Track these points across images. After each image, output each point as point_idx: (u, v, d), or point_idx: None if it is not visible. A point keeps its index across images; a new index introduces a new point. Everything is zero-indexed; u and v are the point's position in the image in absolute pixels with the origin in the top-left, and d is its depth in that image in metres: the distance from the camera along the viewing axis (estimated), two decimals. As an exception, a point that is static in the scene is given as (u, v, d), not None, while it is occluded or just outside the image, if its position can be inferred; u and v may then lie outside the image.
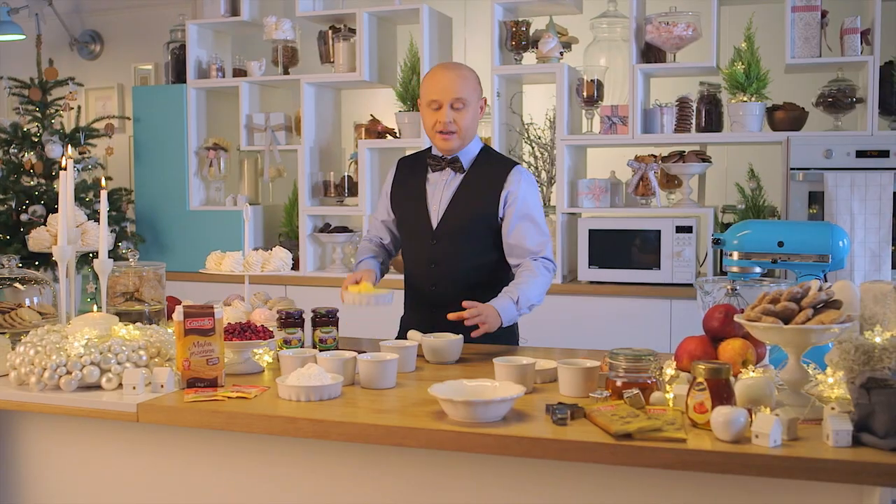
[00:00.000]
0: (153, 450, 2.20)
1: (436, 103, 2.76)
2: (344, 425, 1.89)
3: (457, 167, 2.84)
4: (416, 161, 2.98)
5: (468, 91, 2.77)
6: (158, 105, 4.93)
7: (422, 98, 2.83)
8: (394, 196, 2.97)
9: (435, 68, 2.87)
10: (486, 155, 2.90)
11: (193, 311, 2.19)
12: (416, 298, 2.94)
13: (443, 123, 2.75)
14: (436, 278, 2.86)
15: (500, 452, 1.80)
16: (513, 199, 2.79)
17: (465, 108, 2.76)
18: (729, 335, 2.15)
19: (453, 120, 2.75)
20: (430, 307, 2.86)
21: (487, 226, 2.82)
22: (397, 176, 2.98)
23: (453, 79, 2.77)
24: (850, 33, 3.88)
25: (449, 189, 2.85)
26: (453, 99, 2.74)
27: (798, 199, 3.94)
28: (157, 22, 5.57)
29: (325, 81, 4.76)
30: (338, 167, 5.02)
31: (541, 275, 2.77)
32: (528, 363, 2.18)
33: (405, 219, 2.94)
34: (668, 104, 4.21)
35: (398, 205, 2.96)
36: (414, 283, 2.94)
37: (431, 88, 2.78)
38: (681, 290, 4.08)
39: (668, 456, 1.70)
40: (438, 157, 2.87)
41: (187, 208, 4.90)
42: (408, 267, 2.98)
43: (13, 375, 2.21)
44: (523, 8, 4.48)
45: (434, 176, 2.88)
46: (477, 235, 2.83)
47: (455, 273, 2.83)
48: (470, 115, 2.78)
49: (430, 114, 2.79)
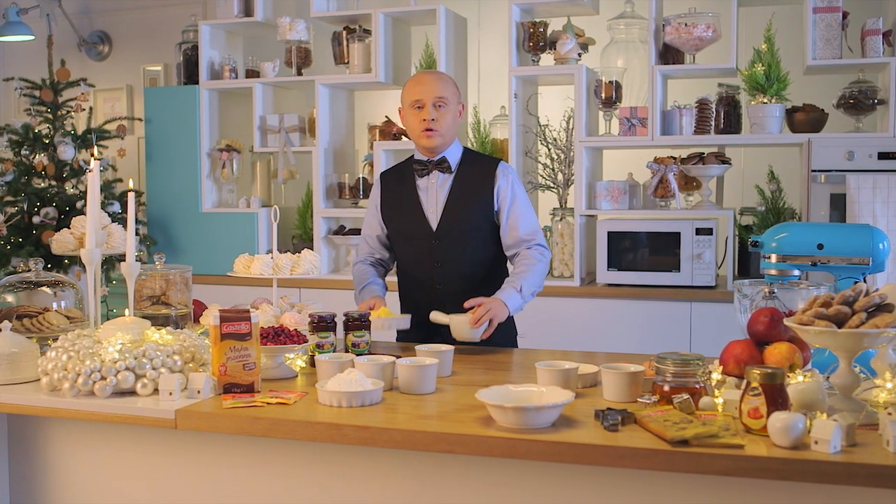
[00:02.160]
0: (190, 456, 2.17)
1: (419, 102, 2.88)
2: (390, 432, 1.85)
3: (444, 168, 2.94)
4: (399, 172, 3.08)
5: (448, 92, 2.91)
6: (170, 106, 4.89)
7: (404, 102, 2.95)
8: (385, 209, 3.04)
9: (415, 75, 3.03)
10: (469, 155, 3.03)
11: (230, 316, 2.16)
12: (420, 300, 2.96)
13: (427, 121, 2.86)
14: (441, 277, 2.93)
15: (552, 459, 1.76)
16: (504, 194, 2.93)
17: (446, 107, 2.88)
18: (774, 339, 2.12)
19: (436, 118, 2.87)
20: (436, 306, 2.88)
21: (485, 220, 2.94)
22: (384, 190, 3.07)
23: (434, 80, 2.92)
24: (871, 35, 3.86)
25: (442, 190, 2.95)
26: (435, 98, 2.87)
27: (819, 202, 3.92)
28: (166, 22, 5.54)
29: (340, 83, 4.72)
30: (351, 169, 4.98)
31: (538, 262, 2.90)
32: (571, 367, 2.15)
33: (401, 227, 3.00)
34: (687, 106, 4.19)
35: (391, 216, 3.03)
36: (417, 286, 2.99)
37: (414, 90, 2.92)
38: (701, 293, 4.05)
39: (727, 462, 1.67)
40: (424, 160, 2.96)
41: (199, 210, 4.85)
42: (409, 271, 3.02)
43: (45, 381, 2.17)
44: (540, 9, 4.45)
45: (423, 181, 2.97)
46: (477, 230, 2.94)
47: (459, 269, 2.92)
48: (451, 116, 2.91)
49: (414, 114, 2.90)
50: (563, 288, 4.20)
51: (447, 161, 2.93)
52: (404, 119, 2.95)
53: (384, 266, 3.11)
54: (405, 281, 3.03)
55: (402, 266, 3.04)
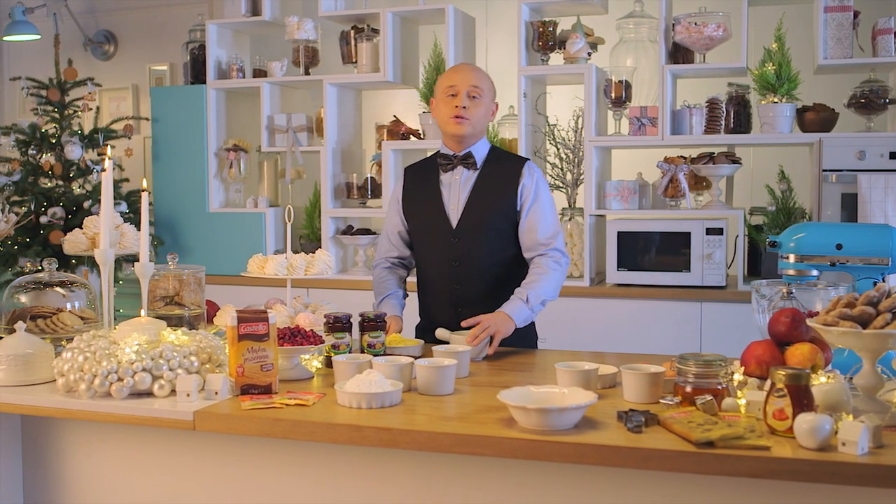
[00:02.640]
0: (207, 458, 2.15)
1: (453, 89, 2.82)
2: (412, 433, 1.84)
3: (469, 164, 2.88)
4: (423, 167, 3.03)
5: (485, 85, 2.87)
6: (177, 106, 4.87)
7: (438, 90, 2.90)
8: (406, 203, 2.98)
9: (453, 66, 3.00)
10: (496, 152, 2.97)
11: (247, 316, 2.14)
12: (438, 300, 2.93)
13: (459, 108, 2.80)
14: (459, 276, 2.88)
15: (576, 461, 1.75)
16: (527, 192, 2.87)
17: (480, 98, 2.83)
18: (796, 339, 2.11)
19: (468, 107, 2.81)
20: (454, 306, 2.88)
21: (507, 219, 2.88)
22: (406, 184, 3.01)
23: (471, 70, 2.90)
24: (883, 34, 3.84)
25: (466, 187, 2.89)
26: (470, 86, 2.82)
27: (830, 201, 3.91)
28: (171, 22, 5.52)
29: (348, 82, 4.71)
30: (359, 169, 4.97)
31: (552, 270, 2.82)
32: (592, 368, 2.13)
33: (421, 222, 2.95)
34: (697, 105, 4.17)
35: (413, 210, 2.97)
36: (435, 285, 2.94)
37: (450, 77, 2.89)
38: (711, 293, 4.04)
39: (754, 464, 1.65)
40: (449, 155, 2.90)
41: (207, 210, 4.84)
42: (427, 269, 2.97)
43: (61, 382, 2.15)
44: (549, 8, 4.44)
45: (446, 177, 2.91)
46: (498, 230, 2.88)
47: (478, 269, 2.86)
48: (484, 108, 2.86)
49: (447, 101, 2.84)
50: (572, 288, 4.19)
51: (473, 157, 2.87)
52: (435, 108, 2.89)
53: (405, 266, 3.06)
54: (423, 279, 2.98)
55: (420, 263, 2.99)
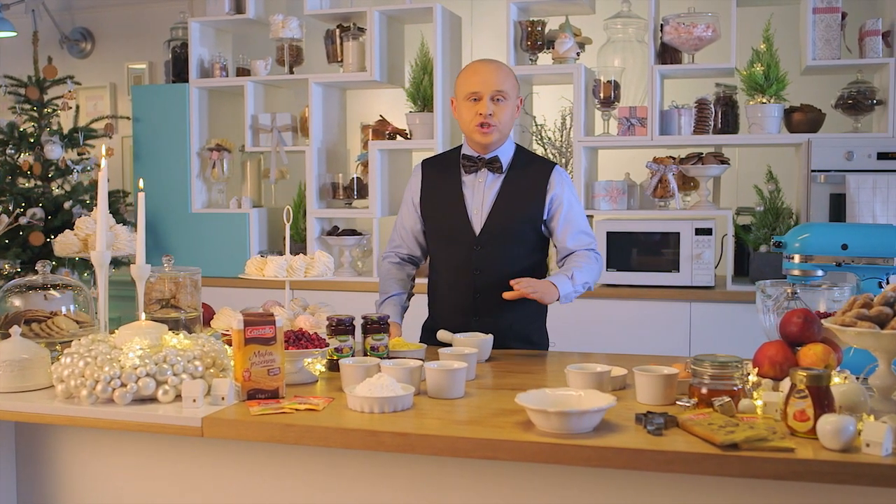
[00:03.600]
0: (215, 465, 2.10)
1: (476, 94, 2.68)
2: (430, 438, 1.80)
3: (495, 168, 2.75)
4: (443, 163, 2.87)
5: (508, 85, 2.71)
6: (159, 104, 4.79)
7: (459, 92, 2.74)
8: (425, 202, 2.84)
9: (473, 62, 2.80)
10: (523, 155, 2.83)
11: (254, 320, 2.09)
12: (454, 307, 2.81)
13: (483, 116, 2.67)
14: (479, 286, 2.75)
15: (599, 465, 1.73)
16: (559, 202, 2.75)
17: (505, 101, 2.69)
18: (808, 340, 2.11)
19: (493, 112, 2.67)
20: (470, 315, 2.78)
21: (533, 228, 2.77)
22: (425, 180, 2.86)
23: (494, 71, 2.71)
24: (871, 35, 3.87)
25: (490, 191, 2.75)
26: (494, 91, 2.67)
27: (819, 201, 3.93)
28: (150, 20, 5.44)
29: (334, 81, 4.66)
30: (343, 169, 4.92)
31: (593, 260, 2.76)
32: (604, 371, 2.11)
33: (441, 225, 2.82)
34: (686, 105, 4.18)
35: (431, 210, 2.83)
36: (452, 292, 2.81)
37: (471, 80, 2.70)
38: (700, 293, 4.05)
39: (779, 466, 1.64)
40: (473, 157, 2.77)
41: (189, 211, 4.76)
42: (444, 276, 2.84)
43: (61, 388, 2.09)
44: (536, 8, 4.43)
45: (469, 178, 2.78)
46: (523, 239, 2.76)
47: (499, 279, 2.67)
48: (509, 111, 2.72)
49: (469, 106, 2.69)
50: (562, 289, 4.17)
51: (499, 161, 2.74)
52: (457, 111, 2.75)
53: (414, 262, 2.94)
54: (438, 282, 2.85)
55: (437, 266, 2.85)
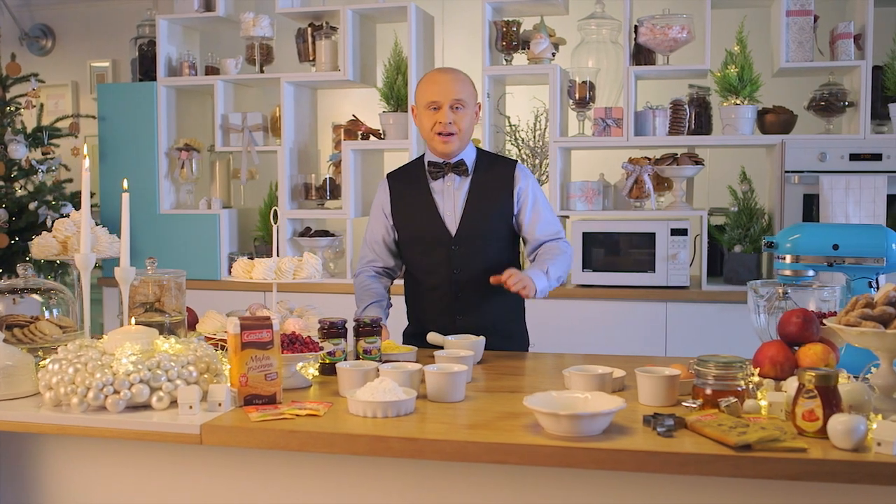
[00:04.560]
0: (213, 473, 2.04)
1: (435, 104, 2.73)
2: (440, 443, 1.77)
3: (461, 171, 2.82)
4: (408, 174, 2.93)
5: (466, 93, 2.77)
6: (126, 103, 4.68)
7: (418, 101, 2.80)
8: (396, 213, 2.88)
9: (431, 72, 2.85)
10: (484, 156, 2.91)
11: (251, 323, 2.04)
12: (436, 308, 2.85)
13: (443, 125, 2.73)
14: (460, 284, 2.81)
15: (611, 468, 1.71)
16: (524, 195, 2.83)
17: (463, 109, 2.75)
18: (807, 340, 2.12)
19: (453, 121, 2.73)
20: (453, 314, 2.83)
21: (504, 224, 2.84)
22: (393, 192, 2.91)
23: (452, 80, 2.77)
24: (843, 38, 3.93)
25: (460, 193, 2.82)
26: (453, 100, 2.73)
27: (792, 202, 3.98)
28: (113, 17, 5.32)
29: (307, 80, 4.60)
30: (314, 169, 4.86)
31: (563, 252, 2.82)
32: (606, 372, 2.10)
33: (417, 233, 2.86)
34: (660, 106, 4.20)
35: (405, 220, 2.87)
36: (434, 294, 2.85)
37: (430, 90, 2.76)
38: (676, 293, 4.07)
39: (793, 466, 1.64)
40: (439, 162, 2.82)
41: (157, 212, 4.66)
42: (423, 279, 2.88)
43: (49, 396, 2.02)
44: (510, 8, 4.42)
45: (437, 184, 2.84)
46: (497, 235, 2.84)
47: (479, 276, 2.78)
48: (468, 118, 2.78)
49: (429, 115, 2.75)
50: (539, 289, 4.16)
51: (465, 164, 2.80)
52: (417, 119, 2.81)
53: (389, 275, 2.96)
54: (417, 288, 2.89)
55: (414, 273, 2.90)
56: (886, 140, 3.89)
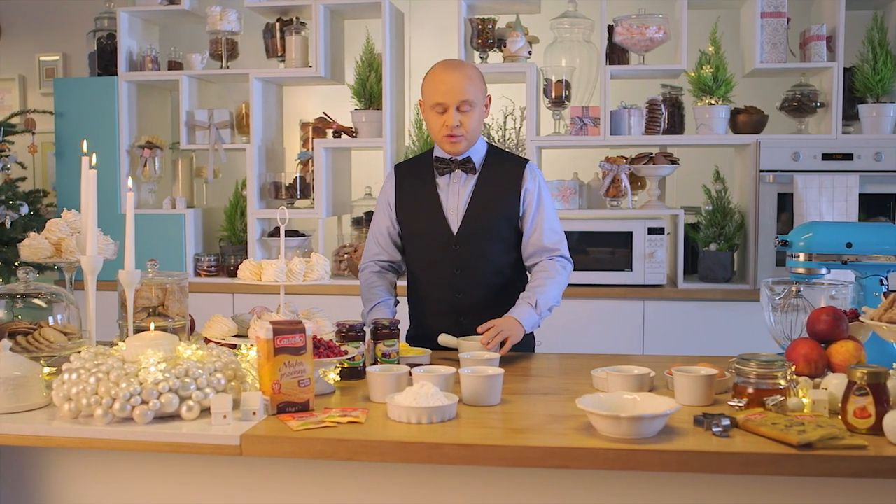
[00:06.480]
0: (251, 486, 1.95)
1: (441, 106, 2.65)
2: (498, 449, 1.73)
3: (468, 168, 2.74)
4: (416, 166, 2.85)
5: (474, 92, 2.66)
6: (84, 99, 4.49)
7: (425, 100, 2.71)
8: (400, 207, 2.81)
9: (436, 68, 2.71)
10: (495, 153, 2.83)
11: (283, 328, 1.96)
12: (438, 309, 2.79)
13: (449, 127, 2.65)
14: (461, 285, 2.75)
15: (677, 469, 1.69)
16: (531, 197, 2.75)
17: (471, 109, 2.66)
18: (837, 337, 2.14)
19: (460, 123, 2.65)
20: (455, 315, 2.76)
21: (509, 225, 2.76)
22: (399, 184, 2.83)
23: (458, 80, 2.65)
24: (815, 40, 4.01)
25: (465, 190, 2.75)
26: (460, 101, 2.63)
27: (767, 200, 4.04)
28: (63, 8, 5.10)
29: (276, 77, 4.48)
30: (280, 167, 4.74)
31: (558, 274, 2.72)
32: (644, 373, 2.09)
33: (418, 228, 2.79)
34: (634, 106, 4.23)
35: (408, 215, 2.80)
36: (435, 294, 2.79)
37: (435, 90, 2.65)
38: (653, 291, 4.10)
39: (857, 464, 1.65)
40: (446, 159, 2.75)
41: (119, 212, 4.49)
42: (425, 278, 2.81)
43: (68, 408, 1.90)
44: (482, 5, 4.39)
45: (443, 180, 2.76)
46: (500, 236, 2.76)
47: (481, 276, 2.74)
48: (477, 117, 2.69)
49: (436, 117, 2.67)
50: (518, 289, 4.14)
51: (472, 161, 2.73)
52: (425, 117, 2.73)
53: (394, 270, 2.89)
54: (418, 287, 2.82)
55: (415, 271, 2.83)
56: (857, 140, 3.99)
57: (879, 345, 2.29)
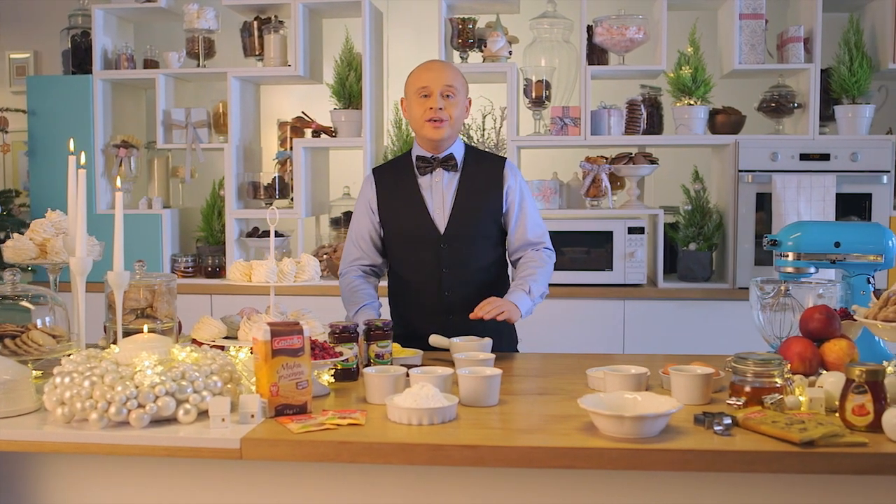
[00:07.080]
0: (251, 490, 1.92)
1: (426, 90, 2.68)
2: (502, 450, 1.72)
3: (450, 165, 2.77)
4: (395, 168, 2.86)
5: (458, 82, 2.73)
6: (58, 97, 4.41)
7: (408, 90, 2.75)
8: (383, 210, 2.81)
9: (422, 63, 2.80)
10: (473, 153, 2.87)
11: (281, 329, 1.94)
12: (425, 308, 2.79)
13: (434, 110, 2.68)
14: (450, 283, 2.77)
15: (681, 469, 1.70)
16: (513, 194, 2.80)
17: (455, 97, 2.70)
18: (830, 336, 2.16)
19: (444, 107, 2.68)
20: (444, 314, 2.77)
21: (493, 221, 2.80)
22: (379, 187, 2.83)
23: (443, 67, 2.75)
24: (793, 41, 4.05)
25: (449, 190, 2.77)
26: (444, 86, 2.68)
27: (746, 200, 4.08)
28: (33, 6, 5.00)
29: (254, 76, 4.44)
30: (257, 167, 4.70)
31: (545, 264, 2.80)
32: (641, 372, 2.09)
33: (405, 230, 2.79)
34: (614, 106, 4.24)
35: (391, 217, 2.80)
36: (422, 293, 2.79)
37: (422, 76, 2.72)
38: (633, 291, 4.12)
39: (859, 461, 1.67)
40: (427, 157, 2.77)
41: (94, 212, 4.41)
42: (411, 278, 2.82)
43: (61, 412, 1.86)
44: (462, 5, 4.38)
45: (425, 180, 2.78)
46: (486, 233, 2.80)
47: (468, 274, 2.77)
48: (459, 107, 2.73)
49: (420, 102, 2.70)
50: (499, 289, 4.14)
51: (454, 158, 2.75)
52: (407, 110, 2.74)
53: (376, 274, 2.89)
54: (404, 288, 2.82)
55: (400, 272, 2.82)
56: (833, 140, 4.04)
57: (868, 343, 2.32)
